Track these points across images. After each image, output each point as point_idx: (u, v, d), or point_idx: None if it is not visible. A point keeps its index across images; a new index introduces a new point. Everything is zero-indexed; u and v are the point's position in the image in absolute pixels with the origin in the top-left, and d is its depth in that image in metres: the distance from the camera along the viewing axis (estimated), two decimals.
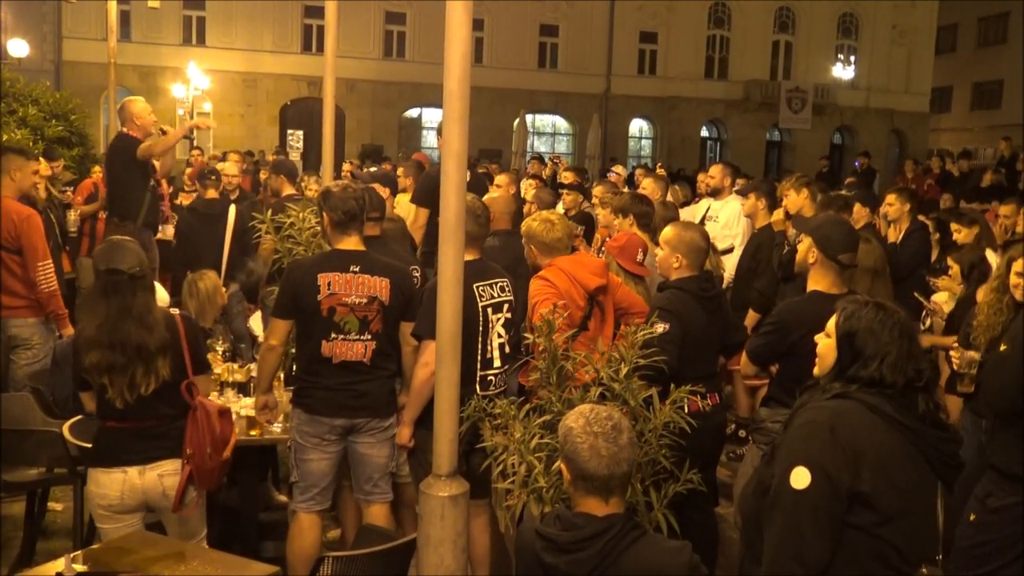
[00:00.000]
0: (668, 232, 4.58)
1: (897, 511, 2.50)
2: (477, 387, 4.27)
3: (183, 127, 7.71)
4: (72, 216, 8.27)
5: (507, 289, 4.50)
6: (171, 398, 3.81)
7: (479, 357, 4.32)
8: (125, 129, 7.32)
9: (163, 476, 3.80)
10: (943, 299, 5.83)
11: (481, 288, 4.35)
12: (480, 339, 4.32)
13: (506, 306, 4.46)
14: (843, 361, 2.64)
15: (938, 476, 2.60)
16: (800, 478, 2.47)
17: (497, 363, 4.39)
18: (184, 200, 10.27)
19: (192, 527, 3.97)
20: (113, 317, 3.69)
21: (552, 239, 4.66)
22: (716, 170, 8.17)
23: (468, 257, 4.43)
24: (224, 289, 5.61)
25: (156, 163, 7.50)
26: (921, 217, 7.84)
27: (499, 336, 4.39)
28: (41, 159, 7.05)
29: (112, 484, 3.76)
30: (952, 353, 4.37)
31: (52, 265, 5.74)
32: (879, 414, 2.52)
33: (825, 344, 2.73)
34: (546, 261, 4.67)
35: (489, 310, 4.36)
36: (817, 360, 2.77)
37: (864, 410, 2.53)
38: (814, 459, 2.48)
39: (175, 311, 4.04)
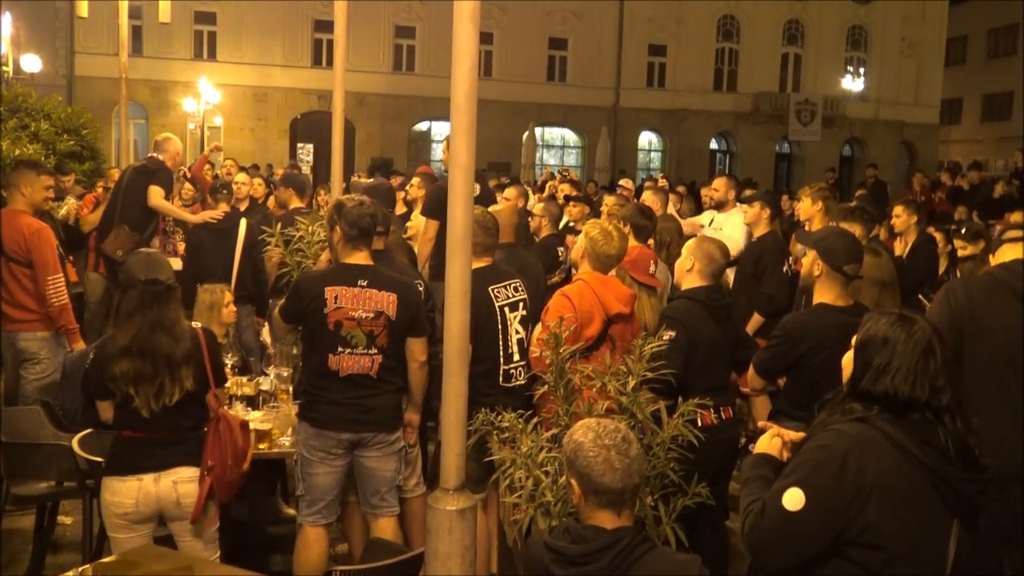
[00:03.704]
0: (691, 241, 4.74)
1: (903, 552, 2.42)
2: (500, 380, 4.58)
3: (199, 215, 7.95)
4: (63, 211, 8.42)
5: (520, 288, 4.80)
6: (190, 410, 3.87)
7: (501, 353, 4.61)
8: (162, 157, 7.89)
9: (177, 483, 3.82)
10: None
11: (496, 290, 4.66)
12: (500, 336, 4.62)
13: (521, 304, 4.75)
14: (856, 372, 2.56)
15: (954, 515, 2.49)
16: (794, 500, 2.42)
17: (517, 357, 4.69)
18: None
19: (206, 542, 3.96)
20: (147, 328, 3.77)
21: (602, 251, 4.67)
22: (720, 183, 8.14)
23: (481, 264, 4.64)
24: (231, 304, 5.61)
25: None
26: (931, 230, 7.81)
27: (517, 332, 4.67)
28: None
29: (127, 492, 3.77)
30: None
31: (63, 279, 5.77)
32: (897, 447, 2.42)
33: (847, 356, 2.66)
34: (584, 269, 4.69)
35: (506, 309, 4.67)
36: (843, 372, 2.69)
37: (882, 441, 2.43)
38: (814, 488, 2.42)
39: (196, 325, 4.08)
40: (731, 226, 7.68)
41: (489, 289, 4.61)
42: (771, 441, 2.76)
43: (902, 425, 2.45)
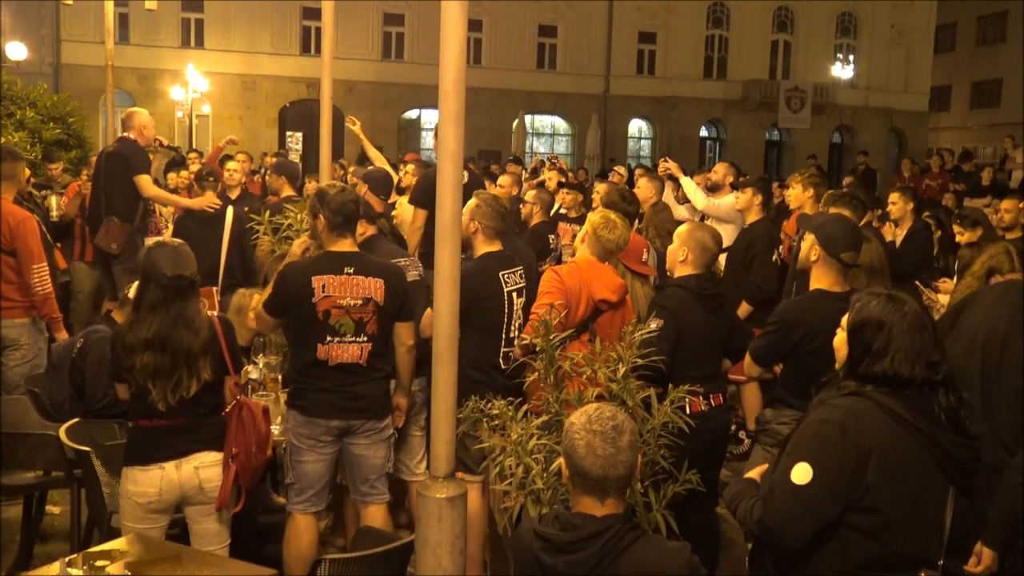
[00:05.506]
0: (682, 229, 4.68)
1: (900, 515, 2.51)
2: (500, 361, 4.61)
3: (197, 201, 7.75)
4: (54, 201, 8.32)
5: (523, 275, 4.82)
6: (206, 398, 3.87)
7: (503, 336, 4.64)
8: (131, 135, 7.47)
9: (199, 468, 3.84)
10: (945, 300, 5.81)
11: (506, 276, 4.68)
12: (505, 320, 4.65)
13: (523, 291, 4.80)
14: (853, 355, 2.64)
15: (950, 480, 2.58)
16: (802, 474, 2.52)
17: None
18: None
19: (221, 525, 3.97)
20: (169, 323, 3.75)
21: (604, 237, 4.65)
22: (721, 167, 8.23)
23: (493, 248, 4.74)
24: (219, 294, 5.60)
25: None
26: (926, 215, 7.83)
27: (518, 317, 4.69)
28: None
29: (151, 481, 3.79)
30: None
31: (47, 268, 5.74)
32: (892, 416, 2.52)
33: (839, 337, 2.74)
34: (582, 254, 4.69)
35: (514, 295, 4.69)
36: (836, 354, 2.77)
37: (877, 411, 2.53)
38: (819, 459, 2.53)
39: (213, 314, 4.05)
40: (723, 211, 7.72)
41: (500, 274, 4.65)
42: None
43: (896, 396, 2.55)
